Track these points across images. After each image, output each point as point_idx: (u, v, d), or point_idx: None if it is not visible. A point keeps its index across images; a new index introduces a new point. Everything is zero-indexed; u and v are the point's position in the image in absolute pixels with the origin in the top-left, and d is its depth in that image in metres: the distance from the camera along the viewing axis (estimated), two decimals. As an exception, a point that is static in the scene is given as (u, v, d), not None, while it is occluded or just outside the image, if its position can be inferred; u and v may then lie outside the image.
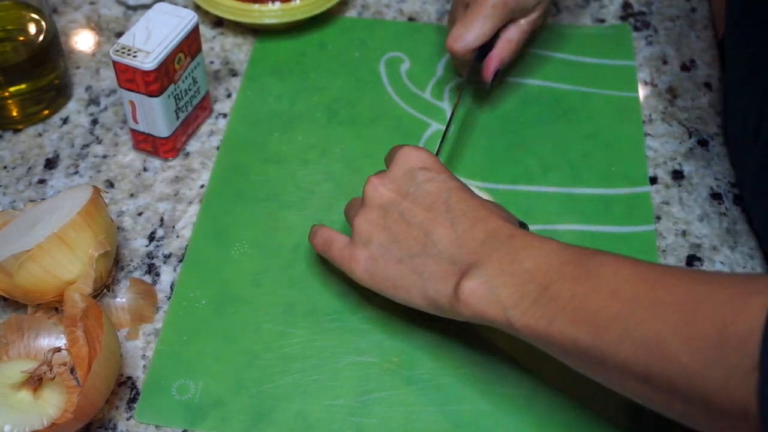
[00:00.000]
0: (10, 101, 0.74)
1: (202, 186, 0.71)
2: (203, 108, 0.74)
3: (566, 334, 0.49)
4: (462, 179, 0.63)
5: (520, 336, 0.51)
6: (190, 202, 0.70)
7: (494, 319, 0.52)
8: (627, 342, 0.46)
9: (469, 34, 0.70)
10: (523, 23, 0.72)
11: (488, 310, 0.52)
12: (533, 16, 0.72)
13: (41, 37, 0.73)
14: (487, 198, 0.64)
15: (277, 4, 0.79)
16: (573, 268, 0.50)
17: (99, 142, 0.74)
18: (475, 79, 0.75)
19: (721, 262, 0.65)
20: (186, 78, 0.70)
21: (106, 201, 0.68)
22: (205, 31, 0.83)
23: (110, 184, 0.71)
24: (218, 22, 0.84)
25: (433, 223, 0.56)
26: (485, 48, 0.72)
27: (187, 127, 0.73)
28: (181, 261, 0.66)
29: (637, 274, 0.48)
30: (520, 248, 0.52)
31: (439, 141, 0.70)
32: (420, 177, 0.58)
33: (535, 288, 0.50)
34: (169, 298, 0.64)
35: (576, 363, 0.51)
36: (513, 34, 0.72)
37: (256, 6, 0.79)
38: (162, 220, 0.69)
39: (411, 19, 0.84)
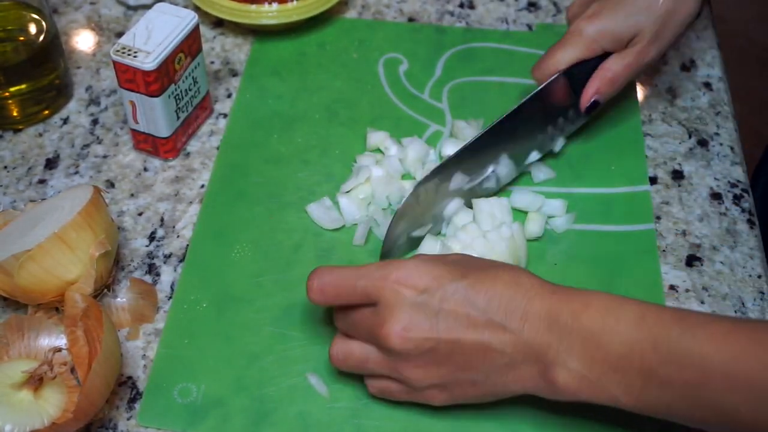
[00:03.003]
0: (10, 101, 0.74)
1: (202, 186, 0.71)
2: (203, 108, 0.74)
3: (689, 417, 0.50)
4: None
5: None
6: (191, 202, 0.70)
7: (605, 403, 0.51)
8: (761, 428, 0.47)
9: (545, 63, 0.69)
10: (627, 55, 0.67)
11: (596, 397, 0.51)
12: (638, 47, 0.67)
13: (41, 37, 0.73)
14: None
15: (275, 5, 0.79)
16: (668, 347, 0.48)
17: (99, 142, 0.74)
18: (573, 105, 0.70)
19: (721, 262, 0.65)
20: (186, 78, 0.70)
21: (107, 201, 0.67)
22: (205, 32, 0.83)
23: (110, 184, 0.71)
24: (218, 23, 0.84)
25: (484, 335, 0.52)
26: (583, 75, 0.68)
27: (188, 127, 0.73)
28: (181, 261, 0.66)
29: (739, 351, 0.47)
30: (596, 330, 0.50)
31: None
32: (431, 302, 0.52)
33: (638, 373, 0.49)
34: (170, 297, 0.64)
35: (695, 426, 0.51)
36: (613, 65, 0.68)
37: (254, 7, 0.79)
38: (162, 220, 0.69)
39: (411, 19, 0.84)
